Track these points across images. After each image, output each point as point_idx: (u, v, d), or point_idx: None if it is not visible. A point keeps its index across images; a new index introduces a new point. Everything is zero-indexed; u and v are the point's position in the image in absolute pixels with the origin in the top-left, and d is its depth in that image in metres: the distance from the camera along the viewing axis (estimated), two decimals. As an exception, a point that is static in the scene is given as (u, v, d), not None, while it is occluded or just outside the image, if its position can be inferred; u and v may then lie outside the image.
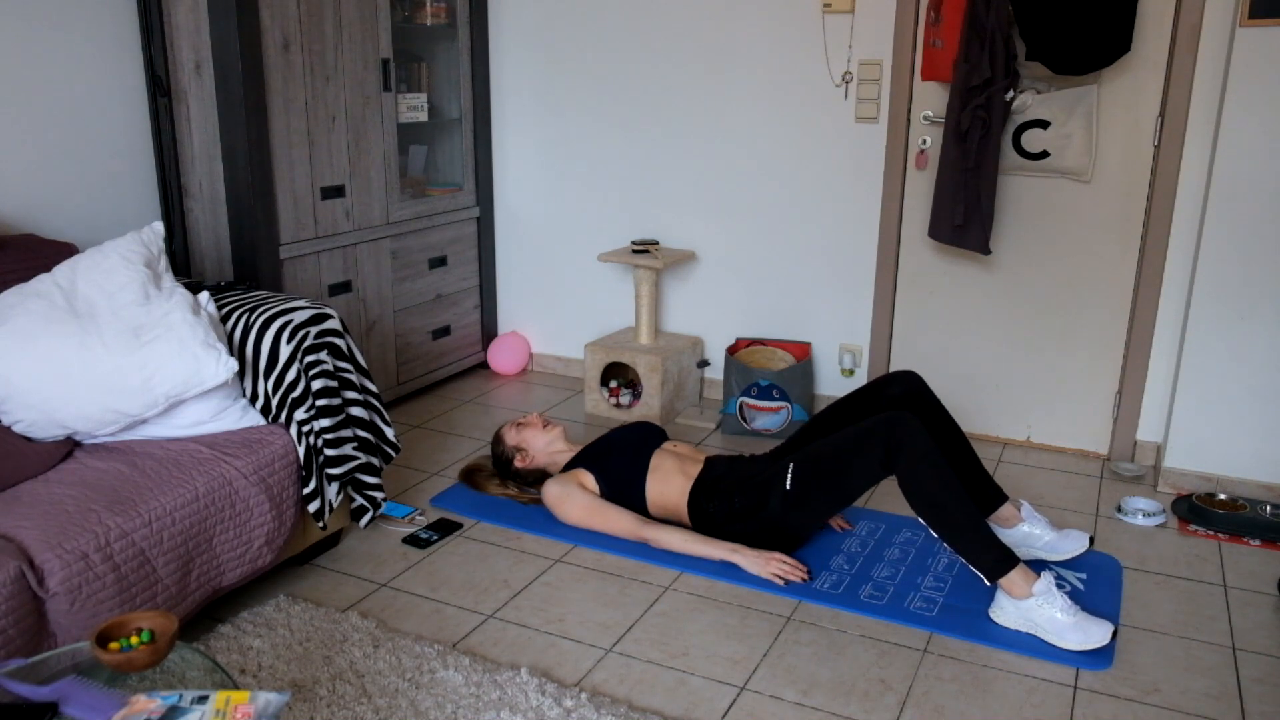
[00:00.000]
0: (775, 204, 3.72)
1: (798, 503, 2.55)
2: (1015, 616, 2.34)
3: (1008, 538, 2.64)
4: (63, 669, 1.57)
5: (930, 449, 2.38)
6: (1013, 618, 2.35)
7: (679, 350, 3.79)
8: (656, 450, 2.82)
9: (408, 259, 3.80)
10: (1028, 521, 2.65)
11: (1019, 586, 2.32)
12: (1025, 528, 2.64)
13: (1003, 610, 2.36)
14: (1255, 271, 2.92)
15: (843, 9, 3.42)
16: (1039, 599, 2.30)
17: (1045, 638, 2.30)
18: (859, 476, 2.47)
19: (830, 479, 2.51)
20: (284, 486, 2.34)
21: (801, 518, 2.59)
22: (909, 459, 2.38)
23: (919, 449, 2.38)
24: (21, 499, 2.04)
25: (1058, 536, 2.63)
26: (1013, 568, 2.32)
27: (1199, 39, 2.97)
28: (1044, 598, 2.30)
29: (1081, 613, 2.30)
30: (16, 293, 2.29)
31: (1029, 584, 2.31)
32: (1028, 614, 2.31)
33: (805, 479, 2.54)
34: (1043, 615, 2.29)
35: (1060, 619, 2.28)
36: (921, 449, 2.37)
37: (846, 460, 2.48)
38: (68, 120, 2.90)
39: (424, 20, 3.80)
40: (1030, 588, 2.31)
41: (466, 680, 2.12)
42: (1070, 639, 2.26)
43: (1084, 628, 2.27)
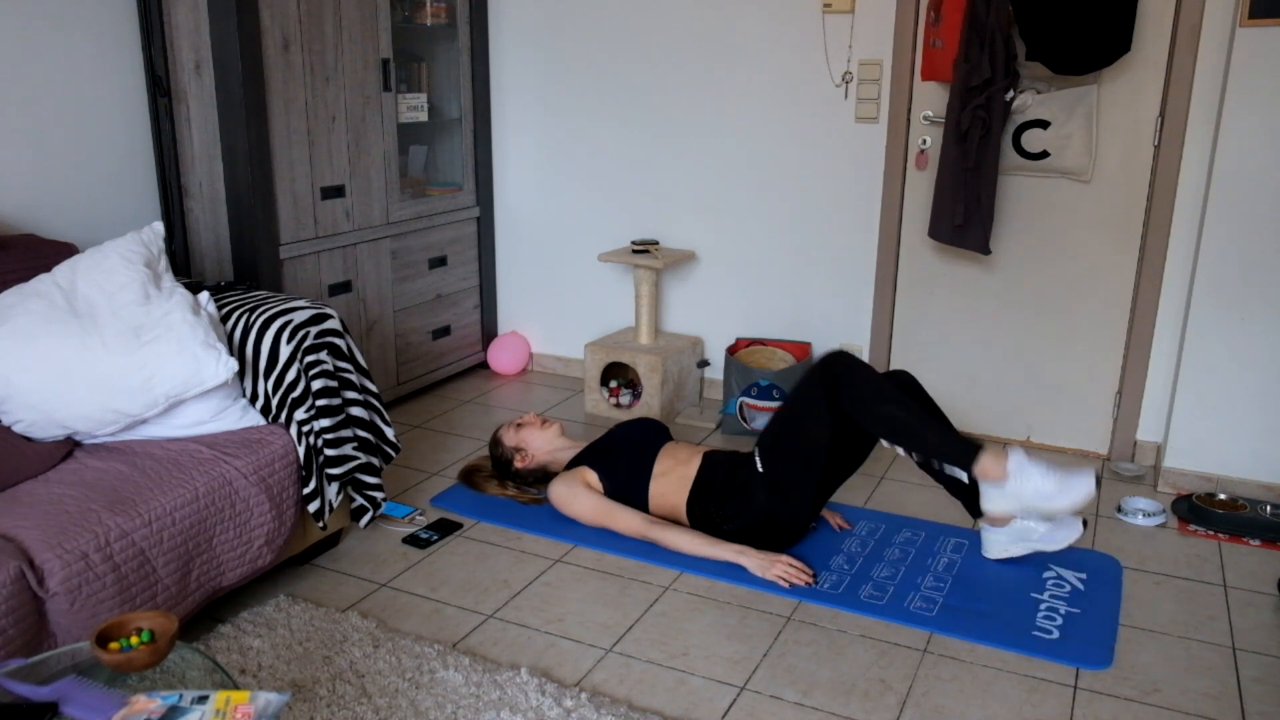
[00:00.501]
0: (775, 204, 3.72)
1: (776, 481, 2.57)
2: (1004, 502, 2.35)
3: (1004, 534, 2.61)
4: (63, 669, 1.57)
5: (864, 376, 2.43)
6: (1003, 504, 2.35)
7: (679, 350, 3.79)
8: (661, 449, 2.82)
9: (408, 259, 3.80)
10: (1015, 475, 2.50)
11: (993, 469, 2.35)
12: (1019, 521, 2.60)
13: (992, 501, 2.38)
14: (1255, 271, 2.92)
15: (843, 9, 3.42)
16: (1016, 476, 2.33)
17: (1039, 506, 2.32)
18: (815, 428, 2.49)
19: (791, 443, 2.53)
20: (284, 486, 2.34)
21: (789, 498, 2.58)
22: (850, 390, 2.42)
23: (856, 378, 2.42)
24: (21, 499, 2.04)
25: (1052, 527, 2.58)
26: (981, 452, 2.36)
27: (1199, 39, 2.97)
28: (1020, 473, 2.33)
29: (1060, 471, 2.30)
30: (16, 293, 2.29)
31: (1001, 463, 2.34)
32: (1015, 494, 2.32)
33: (772, 454, 2.57)
34: (1028, 488, 2.31)
35: (1044, 486, 2.29)
36: (858, 377, 2.42)
37: (797, 418, 2.52)
38: (68, 120, 2.90)
39: (424, 20, 3.80)
40: (1005, 466, 2.34)
41: (466, 680, 2.12)
42: (1060, 500, 2.28)
43: (1068, 485, 2.30)
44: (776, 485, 2.57)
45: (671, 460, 2.78)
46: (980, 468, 2.36)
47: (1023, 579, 2.58)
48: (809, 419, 2.51)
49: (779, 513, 2.60)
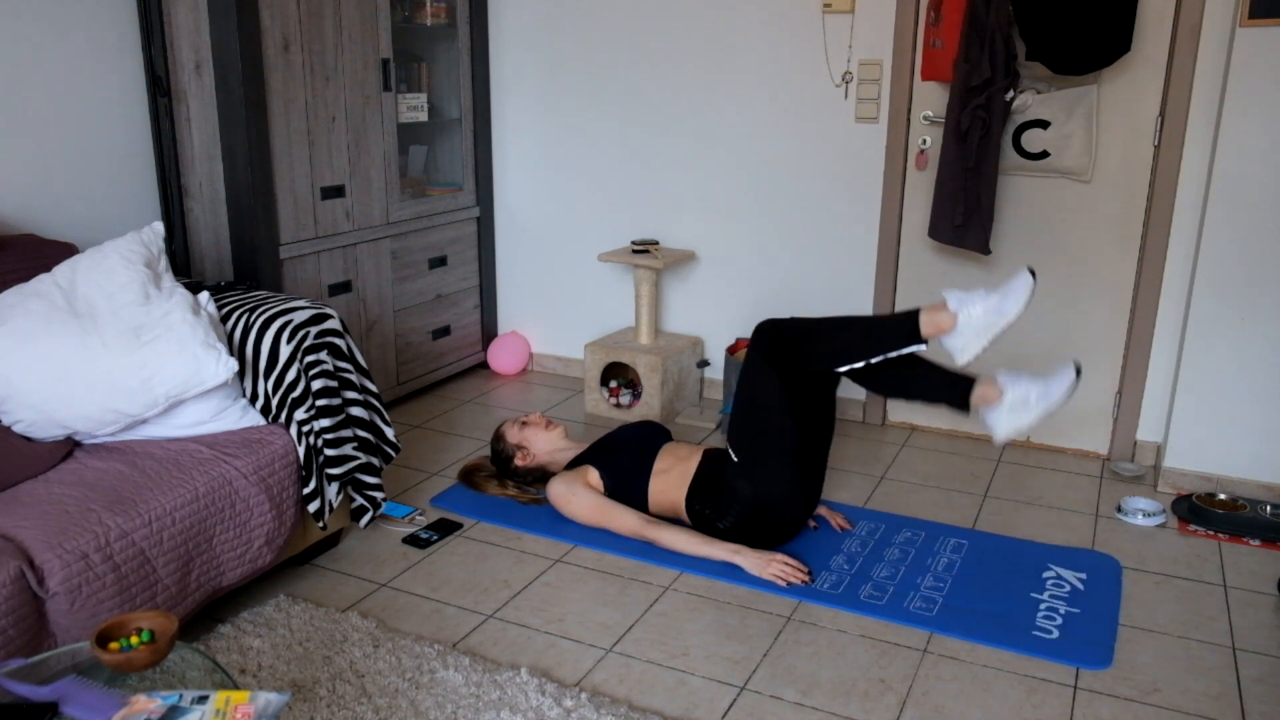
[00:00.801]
0: (775, 204, 3.72)
1: (752, 465, 2.59)
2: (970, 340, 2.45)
3: (1004, 411, 2.55)
4: (63, 669, 1.57)
5: (794, 325, 2.52)
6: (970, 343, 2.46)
7: (679, 350, 3.80)
8: (661, 450, 2.82)
9: (408, 259, 3.80)
10: (1010, 389, 2.55)
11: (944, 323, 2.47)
12: (1010, 395, 2.54)
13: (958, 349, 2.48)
14: (1255, 271, 2.92)
15: (843, 9, 3.42)
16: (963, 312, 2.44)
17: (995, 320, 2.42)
18: (767, 398, 2.54)
19: (752, 422, 2.58)
20: (284, 486, 2.34)
21: (769, 477, 2.59)
22: (786, 345, 2.50)
23: (785, 331, 2.52)
24: (21, 499, 2.04)
25: (1045, 384, 2.53)
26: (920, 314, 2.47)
27: (1199, 39, 2.97)
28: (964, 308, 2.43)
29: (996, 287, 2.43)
30: (16, 293, 2.29)
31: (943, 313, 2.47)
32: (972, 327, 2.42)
33: (739, 440, 2.61)
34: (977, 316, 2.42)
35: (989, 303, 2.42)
36: (786, 329, 2.52)
37: (749, 397, 2.58)
38: (68, 120, 2.90)
39: (424, 20, 3.80)
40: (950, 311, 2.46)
41: (466, 680, 2.12)
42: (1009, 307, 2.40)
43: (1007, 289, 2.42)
44: (753, 469, 2.58)
45: (672, 458, 2.78)
46: (927, 325, 2.46)
47: (1023, 579, 2.58)
48: (760, 393, 2.57)
49: (766, 499, 2.60)
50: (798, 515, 2.65)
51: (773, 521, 2.63)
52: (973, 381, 2.58)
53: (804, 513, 2.67)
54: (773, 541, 2.68)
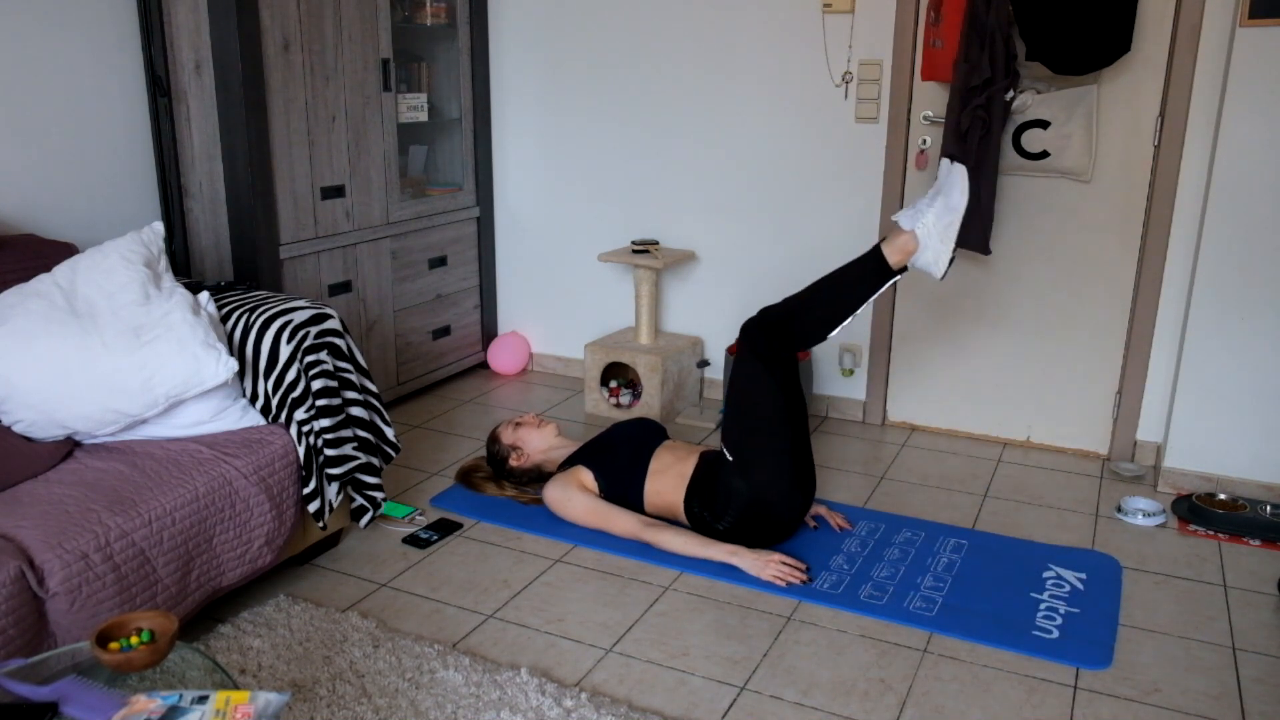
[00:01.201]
0: (775, 204, 3.72)
1: (746, 461, 2.60)
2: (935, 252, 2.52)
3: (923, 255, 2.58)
4: (63, 669, 1.57)
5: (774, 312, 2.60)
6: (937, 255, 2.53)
7: (679, 350, 3.79)
8: (657, 449, 2.81)
9: (408, 259, 3.80)
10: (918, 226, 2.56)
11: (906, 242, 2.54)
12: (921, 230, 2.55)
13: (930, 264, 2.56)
14: (1255, 271, 2.92)
15: (843, 9, 3.42)
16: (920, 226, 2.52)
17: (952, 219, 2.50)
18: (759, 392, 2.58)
19: (745, 417, 2.60)
20: (284, 486, 2.34)
21: (764, 473, 2.59)
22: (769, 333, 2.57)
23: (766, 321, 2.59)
24: (21, 499, 2.04)
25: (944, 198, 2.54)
26: (882, 246, 2.55)
27: (1199, 39, 2.97)
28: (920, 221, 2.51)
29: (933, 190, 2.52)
30: (16, 293, 2.29)
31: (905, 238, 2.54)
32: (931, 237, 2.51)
33: (733, 437, 2.63)
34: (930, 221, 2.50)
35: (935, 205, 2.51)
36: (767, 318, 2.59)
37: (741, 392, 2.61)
38: (68, 120, 2.90)
39: (424, 20, 3.80)
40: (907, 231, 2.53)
41: (466, 680, 2.12)
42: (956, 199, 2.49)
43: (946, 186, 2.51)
44: (749, 468, 2.59)
45: (669, 458, 2.77)
46: (893, 253, 2.55)
47: (1023, 579, 2.58)
48: (752, 391, 2.59)
49: (764, 497, 2.59)
50: (795, 512, 2.65)
51: (771, 519, 2.63)
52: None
53: (801, 509, 2.67)
54: (772, 540, 2.68)
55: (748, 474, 2.59)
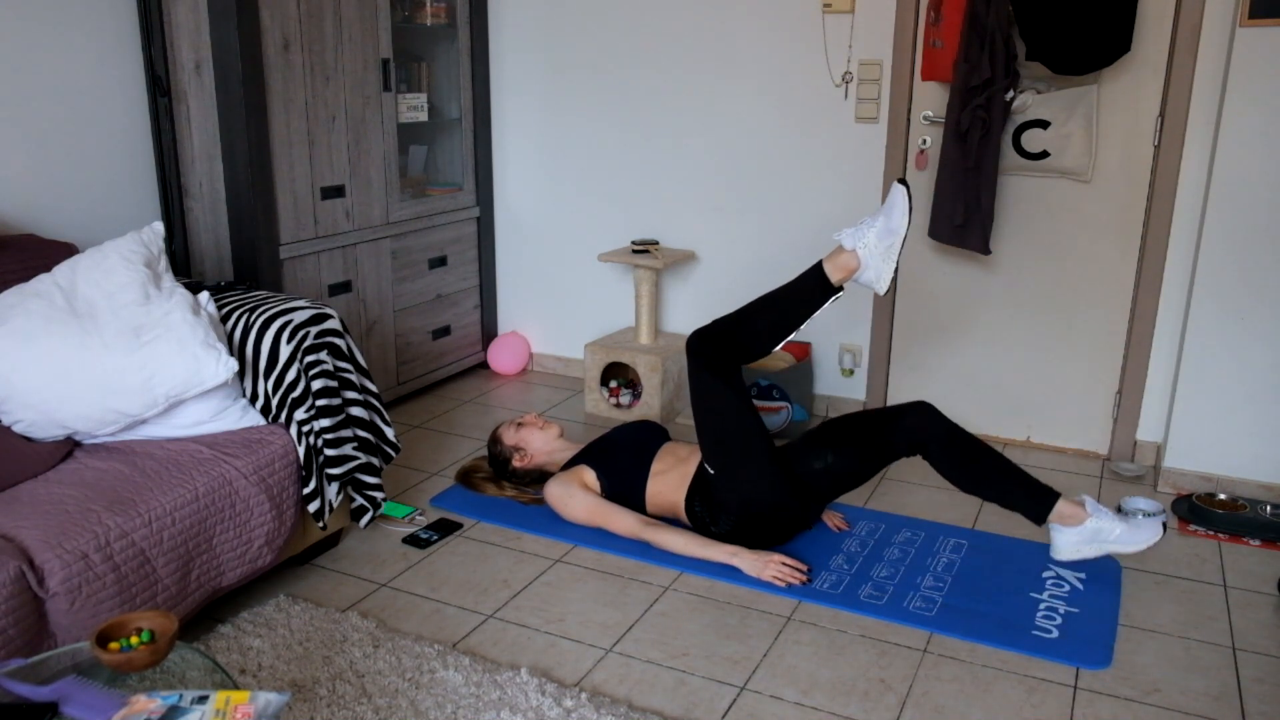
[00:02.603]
0: (775, 204, 3.72)
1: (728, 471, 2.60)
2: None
3: (1075, 535, 2.54)
4: (63, 669, 1.57)
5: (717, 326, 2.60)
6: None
7: (679, 350, 3.79)
8: (659, 451, 2.82)
9: (408, 259, 3.80)
10: (1094, 516, 2.53)
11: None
12: (1092, 523, 2.52)
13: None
14: (1255, 271, 2.92)
15: (843, 9, 3.42)
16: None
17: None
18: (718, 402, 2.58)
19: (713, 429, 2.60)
20: (284, 486, 2.34)
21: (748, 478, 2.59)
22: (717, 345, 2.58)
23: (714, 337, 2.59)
24: (21, 499, 2.04)
25: (1128, 528, 2.51)
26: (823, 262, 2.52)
27: (1199, 39, 2.97)
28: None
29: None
30: (16, 293, 2.29)
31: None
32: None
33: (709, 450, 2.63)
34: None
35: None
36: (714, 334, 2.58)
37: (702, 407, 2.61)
38: (68, 120, 2.90)
39: (424, 20, 3.80)
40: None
41: (466, 680, 2.12)
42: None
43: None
44: (731, 475, 2.59)
45: (671, 459, 2.78)
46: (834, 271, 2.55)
47: (1022, 579, 2.58)
48: (713, 404, 2.59)
49: (755, 503, 2.59)
50: (792, 513, 2.64)
51: (768, 523, 2.63)
52: (1056, 499, 2.51)
53: (797, 509, 2.65)
54: (772, 541, 2.68)
55: (731, 484, 2.60)
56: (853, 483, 2.61)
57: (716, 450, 2.61)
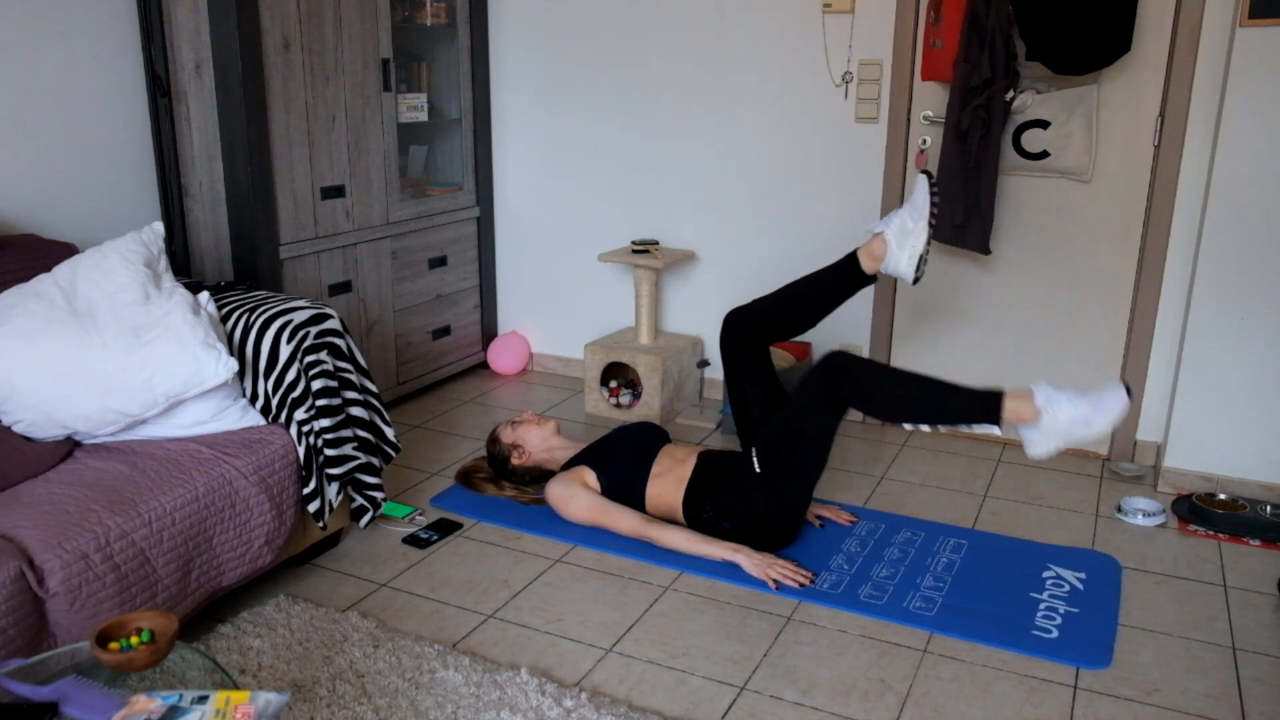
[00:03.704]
0: (775, 204, 3.72)
1: (776, 482, 2.57)
2: (1044, 439, 2.38)
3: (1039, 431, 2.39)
4: (63, 669, 1.57)
5: (867, 365, 2.47)
6: (1043, 442, 2.39)
7: (679, 350, 3.80)
8: (659, 453, 2.82)
9: (408, 259, 3.80)
10: (1047, 410, 2.36)
11: (1025, 410, 2.37)
12: (1048, 417, 2.36)
13: (1033, 443, 2.41)
14: (1255, 271, 2.92)
15: (843, 9, 3.42)
16: (1048, 411, 2.35)
17: (1078, 432, 2.34)
18: (817, 429, 2.52)
19: (794, 445, 2.54)
20: (284, 486, 2.34)
21: (788, 498, 2.59)
22: (856, 386, 2.45)
23: (859, 372, 2.46)
24: (21, 499, 2.04)
25: (1093, 406, 2.34)
26: (1003, 397, 2.37)
27: (1199, 39, 2.97)
28: (1051, 406, 2.35)
29: (1088, 394, 2.33)
30: (16, 293, 2.29)
31: (1029, 402, 2.36)
32: (1052, 429, 2.36)
33: (772, 456, 2.57)
34: (1063, 419, 2.34)
35: (1079, 411, 2.32)
36: (861, 371, 2.46)
37: (799, 420, 2.53)
38: (68, 120, 2.90)
39: (424, 20, 3.80)
40: (1034, 404, 2.36)
41: (466, 680, 2.12)
42: (1097, 420, 2.31)
43: (1101, 404, 2.32)
44: (775, 486, 2.57)
45: (670, 460, 2.78)
46: (1010, 412, 2.37)
47: (1023, 579, 2.58)
48: (812, 420, 2.52)
49: (775, 514, 2.60)
50: (796, 528, 2.68)
51: (773, 530, 2.64)
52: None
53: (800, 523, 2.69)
54: (768, 547, 2.68)
55: (770, 490, 2.58)
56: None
57: (782, 457, 2.54)
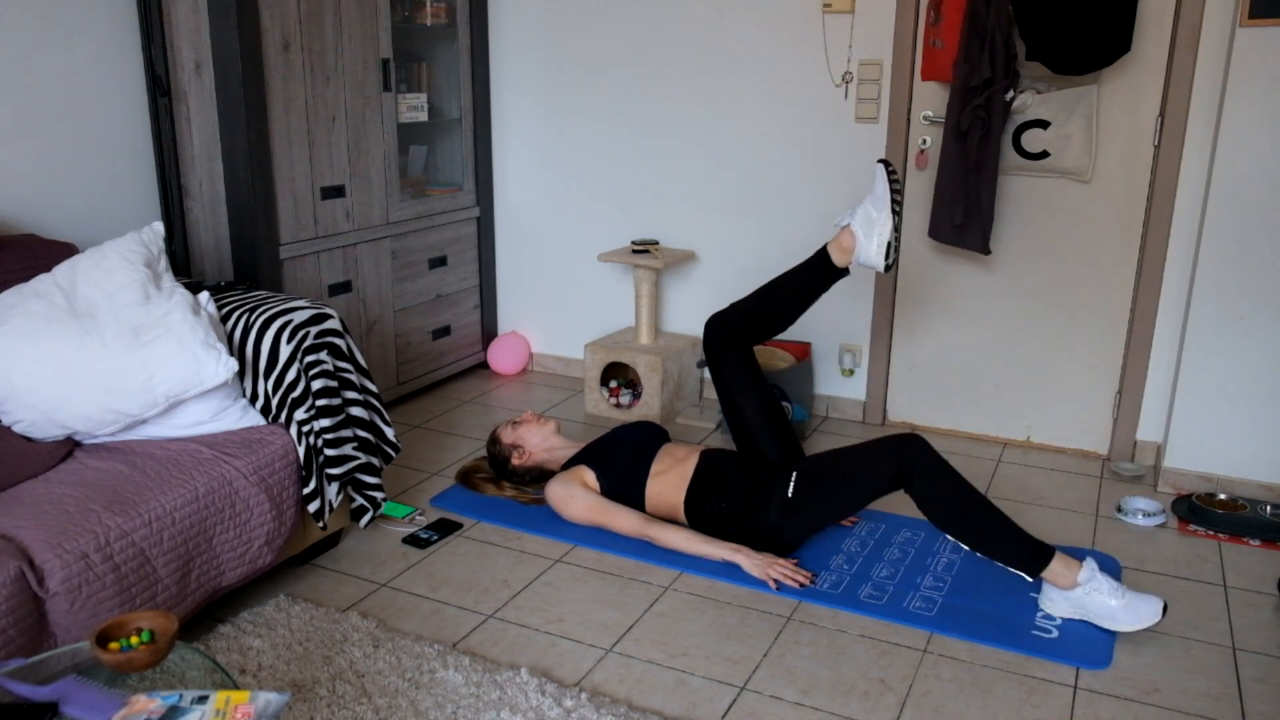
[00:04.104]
0: (775, 204, 3.72)
1: (796, 510, 2.57)
2: (1065, 606, 2.37)
3: (1067, 599, 2.37)
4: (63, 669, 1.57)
5: (942, 463, 2.42)
6: (1063, 607, 2.37)
7: (679, 350, 3.79)
8: (659, 452, 2.82)
9: (408, 259, 3.80)
10: (1085, 587, 2.33)
11: (1063, 577, 2.34)
12: (1081, 592, 2.34)
13: (1052, 601, 2.39)
14: (1255, 271, 2.92)
15: (843, 9, 3.42)
16: (1085, 587, 2.32)
17: (1098, 623, 2.32)
18: (864, 489, 2.49)
19: (834, 489, 2.52)
20: (284, 486, 2.34)
21: (797, 527, 2.59)
22: (923, 475, 2.40)
23: (932, 464, 2.41)
24: (21, 499, 2.04)
25: (1124, 605, 2.30)
26: (1051, 558, 2.34)
27: (1199, 39, 2.97)
28: (1090, 584, 2.32)
29: (1130, 592, 2.31)
30: (16, 293, 2.29)
31: (1073, 573, 2.33)
32: (1078, 603, 2.34)
33: (808, 487, 2.56)
34: (1093, 602, 2.32)
35: (1111, 604, 2.30)
36: (935, 464, 2.41)
37: (855, 472, 2.50)
38: (68, 120, 2.90)
39: (424, 20, 3.80)
40: (1075, 576, 2.33)
41: (466, 680, 2.12)
42: (1124, 621, 2.29)
43: (1135, 608, 2.29)
44: (798, 515, 2.58)
45: (670, 460, 2.78)
46: (1050, 574, 2.35)
47: (1022, 579, 2.58)
48: (865, 479, 2.48)
49: (781, 532, 2.61)
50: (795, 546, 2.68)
51: (773, 545, 2.65)
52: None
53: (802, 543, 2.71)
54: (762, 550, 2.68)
55: (792, 516, 2.58)
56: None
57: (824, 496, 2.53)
